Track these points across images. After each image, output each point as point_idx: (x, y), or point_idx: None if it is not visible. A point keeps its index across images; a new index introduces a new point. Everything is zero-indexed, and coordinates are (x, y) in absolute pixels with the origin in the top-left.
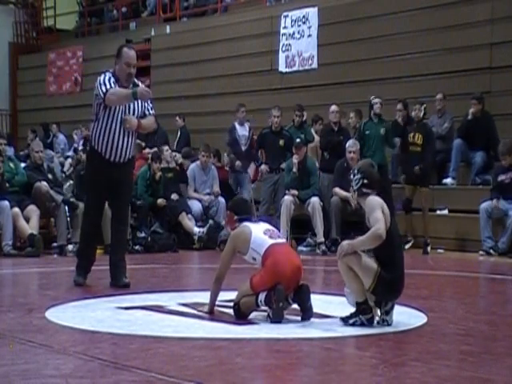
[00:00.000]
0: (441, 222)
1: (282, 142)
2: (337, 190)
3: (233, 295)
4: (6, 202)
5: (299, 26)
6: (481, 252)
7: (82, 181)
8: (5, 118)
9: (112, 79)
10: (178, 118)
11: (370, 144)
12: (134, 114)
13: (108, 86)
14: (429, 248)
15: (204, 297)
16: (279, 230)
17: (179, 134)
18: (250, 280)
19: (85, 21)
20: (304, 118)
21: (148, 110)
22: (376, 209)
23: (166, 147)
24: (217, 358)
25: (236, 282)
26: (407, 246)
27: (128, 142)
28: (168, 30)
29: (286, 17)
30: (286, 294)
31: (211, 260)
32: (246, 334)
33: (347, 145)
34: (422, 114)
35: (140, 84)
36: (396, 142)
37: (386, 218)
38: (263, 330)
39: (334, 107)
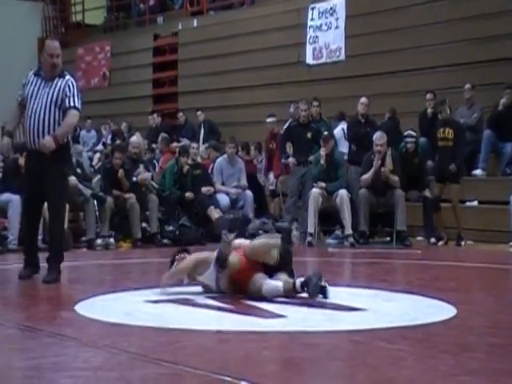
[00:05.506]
0: (470, 214)
1: (309, 135)
2: (364, 176)
3: None
4: (17, 196)
5: (326, 17)
6: (511, 243)
7: (106, 175)
8: None
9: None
10: (199, 112)
11: None
12: (47, 101)
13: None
14: (463, 242)
15: None
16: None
17: (202, 128)
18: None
19: (113, 15)
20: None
21: (69, 101)
22: None
23: (194, 144)
24: (244, 350)
25: None
26: (440, 243)
27: (38, 126)
28: (195, 24)
29: (313, 9)
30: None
31: None
32: (272, 326)
33: (374, 137)
34: (448, 111)
35: (68, 76)
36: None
37: None
38: (290, 323)
39: (363, 99)
